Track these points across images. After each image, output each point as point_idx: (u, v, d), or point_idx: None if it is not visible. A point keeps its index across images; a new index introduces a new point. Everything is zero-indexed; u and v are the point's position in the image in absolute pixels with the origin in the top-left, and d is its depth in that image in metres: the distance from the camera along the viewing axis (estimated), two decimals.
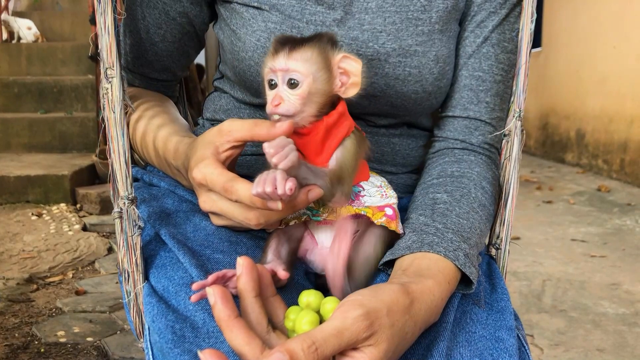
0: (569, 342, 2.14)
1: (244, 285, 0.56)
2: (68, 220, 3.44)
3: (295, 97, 0.66)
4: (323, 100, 0.68)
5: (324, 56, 0.67)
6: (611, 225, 3.79)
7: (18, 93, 4.97)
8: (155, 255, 0.75)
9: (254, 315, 0.56)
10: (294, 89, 0.66)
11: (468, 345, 0.67)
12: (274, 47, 0.68)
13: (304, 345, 0.49)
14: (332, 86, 0.68)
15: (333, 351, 0.51)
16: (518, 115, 0.81)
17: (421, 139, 0.93)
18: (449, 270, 0.68)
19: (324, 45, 0.68)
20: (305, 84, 0.66)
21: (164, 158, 0.80)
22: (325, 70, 0.67)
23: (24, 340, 2.05)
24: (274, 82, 0.68)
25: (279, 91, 0.67)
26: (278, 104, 0.66)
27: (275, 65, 0.67)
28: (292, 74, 0.66)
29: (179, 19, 0.88)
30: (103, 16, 0.65)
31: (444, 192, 0.79)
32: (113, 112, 0.68)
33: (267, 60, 0.68)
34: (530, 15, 0.78)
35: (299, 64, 0.66)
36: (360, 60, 0.68)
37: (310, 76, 0.66)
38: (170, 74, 0.95)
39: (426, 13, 0.82)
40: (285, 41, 0.68)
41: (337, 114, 0.69)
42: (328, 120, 0.68)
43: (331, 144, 0.69)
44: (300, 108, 0.66)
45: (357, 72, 0.68)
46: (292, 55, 0.66)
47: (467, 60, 0.87)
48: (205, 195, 0.70)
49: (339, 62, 0.68)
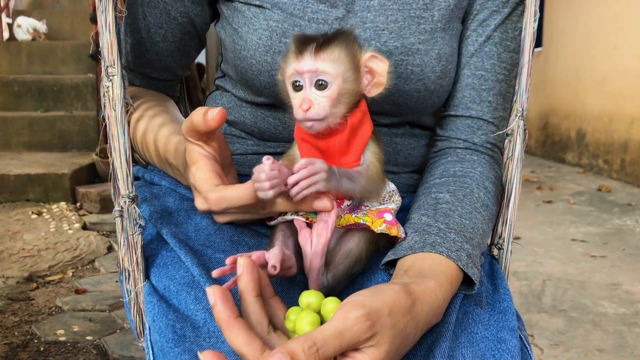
0: (568, 342, 2.14)
1: (244, 285, 0.56)
2: (68, 219, 3.44)
3: (325, 100, 0.64)
4: (351, 100, 0.67)
5: (352, 55, 0.66)
6: (611, 225, 3.79)
7: (18, 92, 4.97)
8: (156, 254, 0.75)
9: (254, 315, 0.56)
10: (322, 91, 0.64)
11: (470, 346, 0.66)
12: (296, 47, 0.65)
13: (305, 346, 0.48)
14: (360, 85, 0.67)
15: (334, 352, 0.50)
16: (521, 115, 0.81)
17: (423, 139, 0.93)
18: (451, 271, 0.67)
19: (351, 44, 0.66)
20: (334, 85, 0.64)
21: (164, 157, 0.80)
22: (353, 70, 0.66)
23: (24, 339, 2.05)
24: (299, 83, 0.65)
25: (307, 94, 0.65)
26: (308, 108, 0.64)
27: (302, 66, 0.64)
28: (320, 75, 0.64)
29: (180, 19, 0.88)
30: (104, 14, 0.65)
31: (446, 192, 0.79)
32: (114, 111, 0.68)
33: (290, 61, 0.66)
34: (533, 14, 0.78)
35: (328, 65, 0.64)
36: (387, 61, 0.67)
37: (340, 77, 0.64)
38: (171, 74, 0.95)
39: (428, 11, 0.82)
40: (307, 40, 0.65)
41: (360, 112, 0.68)
42: (352, 120, 0.67)
43: (358, 144, 0.68)
44: (330, 110, 0.64)
45: (383, 72, 0.67)
46: (320, 56, 0.64)
47: (469, 59, 0.87)
48: (201, 196, 0.69)
49: (366, 61, 0.67)
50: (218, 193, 0.64)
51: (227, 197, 0.64)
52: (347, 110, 0.66)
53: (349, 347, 0.52)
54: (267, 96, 0.84)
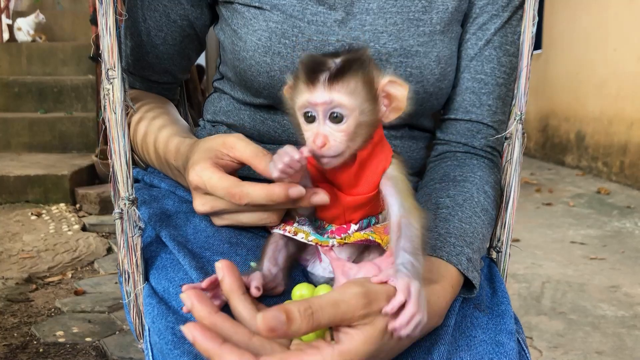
0: (567, 345, 2.14)
1: (229, 286, 0.57)
2: (67, 220, 3.44)
3: (341, 135, 0.59)
4: (369, 131, 0.61)
5: (369, 83, 0.60)
6: (610, 227, 3.79)
7: (18, 93, 4.96)
8: (156, 256, 0.75)
9: (245, 312, 0.56)
10: (338, 125, 0.59)
11: (468, 349, 0.66)
12: (307, 75, 0.59)
13: (301, 307, 0.49)
14: (379, 115, 0.62)
15: (328, 320, 0.51)
16: (519, 118, 0.81)
17: (422, 141, 0.93)
18: (452, 275, 0.67)
19: (368, 70, 0.60)
20: (351, 119, 0.59)
21: (164, 159, 0.80)
22: (371, 101, 0.60)
23: (23, 340, 2.05)
24: (311, 114, 0.60)
25: (322, 129, 0.59)
26: (323, 144, 0.59)
27: (315, 99, 0.58)
28: (336, 108, 0.58)
29: (179, 22, 0.88)
30: (105, 17, 0.65)
31: (446, 197, 0.79)
32: (114, 113, 0.68)
33: (301, 90, 0.60)
34: (531, 18, 0.78)
35: (344, 97, 0.58)
36: (407, 85, 0.62)
37: (357, 109, 0.59)
38: (171, 77, 0.95)
39: (427, 14, 0.82)
40: (318, 67, 0.59)
41: (371, 145, 0.63)
42: (362, 154, 0.62)
43: (368, 177, 0.64)
44: (346, 145, 0.59)
45: (402, 98, 0.62)
46: (335, 87, 0.58)
47: (469, 63, 0.87)
48: (201, 198, 0.70)
49: (384, 86, 0.62)
50: (241, 188, 0.64)
51: (250, 193, 0.64)
52: (364, 142, 0.61)
53: (343, 319, 0.52)
54: (266, 97, 0.85)
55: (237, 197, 0.64)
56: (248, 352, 0.51)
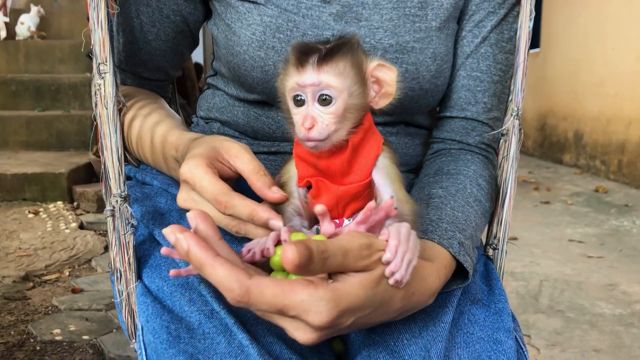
0: (565, 343, 2.14)
1: (205, 232, 0.55)
2: (65, 218, 3.43)
3: (330, 117, 0.59)
4: (357, 115, 0.62)
5: (358, 66, 0.61)
6: (608, 226, 3.79)
7: (15, 91, 4.95)
8: (149, 255, 0.74)
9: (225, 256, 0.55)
10: (326, 107, 0.59)
11: (466, 346, 0.66)
12: (297, 58, 0.60)
13: (319, 249, 0.49)
14: (367, 99, 0.62)
15: (336, 267, 0.51)
16: (516, 114, 0.80)
17: (418, 137, 0.93)
18: (445, 257, 0.67)
19: (357, 54, 0.61)
20: (339, 100, 0.59)
21: (162, 153, 0.79)
22: (360, 83, 0.61)
23: (20, 338, 2.04)
24: (300, 98, 0.60)
25: (310, 110, 0.60)
26: (311, 126, 0.59)
27: (304, 80, 0.59)
28: (324, 89, 0.59)
29: (172, 17, 0.87)
30: (96, 11, 0.64)
31: (439, 188, 0.78)
32: (106, 109, 0.67)
33: (290, 73, 0.61)
34: (528, 13, 0.77)
35: (333, 78, 0.59)
36: (395, 69, 0.63)
37: (345, 91, 0.59)
38: (163, 74, 0.94)
39: (423, 10, 0.82)
40: (308, 51, 0.60)
41: (362, 130, 0.63)
42: (354, 140, 0.62)
43: (361, 164, 0.63)
44: (335, 128, 0.60)
45: (391, 82, 0.62)
46: (323, 68, 0.59)
47: (465, 60, 0.87)
48: (185, 193, 0.68)
49: (372, 70, 0.62)
50: (228, 198, 0.63)
51: (235, 206, 0.63)
52: (353, 126, 0.62)
53: (347, 268, 0.52)
54: (260, 92, 0.84)
55: (223, 206, 0.63)
56: (240, 268, 0.50)
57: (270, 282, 0.50)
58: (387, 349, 0.65)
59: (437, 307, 0.68)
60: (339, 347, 0.73)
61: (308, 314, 0.50)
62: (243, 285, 0.49)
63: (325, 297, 0.50)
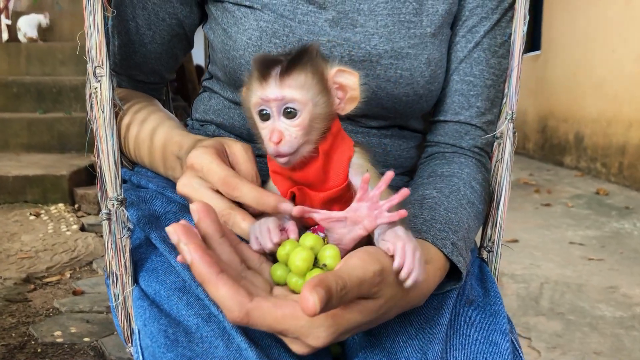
0: (566, 345, 2.13)
1: (206, 229, 0.55)
2: (66, 221, 3.44)
3: (296, 129, 0.59)
4: (324, 124, 0.62)
5: (319, 76, 0.61)
6: (609, 228, 3.79)
7: (17, 93, 4.96)
8: (145, 258, 0.74)
9: (224, 256, 0.56)
10: (292, 119, 0.60)
11: (462, 348, 0.67)
12: (259, 72, 0.60)
13: (338, 286, 0.48)
14: (332, 106, 0.62)
15: (351, 298, 0.51)
16: (510, 118, 0.81)
17: (412, 140, 0.93)
18: (438, 258, 0.67)
19: (317, 62, 0.61)
20: (305, 112, 0.59)
21: (162, 151, 0.78)
22: (323, 92, 0.61)
23: (21, 340, 2.05)
24: (266, 112, 0.61)
25: (277, 125, 0.60)
26: (279, 140, 0.59)
27: (267, 95, 0.59)
28: (288, 103, 0.59)
29: (168, 20, 0.88)
30: (92, 14, 0.64)
31: (433, 189, 0.79)
32: (102, 112, 0.67)
33: (254, 88, 0.61)
34: (522, 18, 0.78)
35: (295, 92, 0.59)
36: (357, 73, 0.63)
37: (310, 102, 0.60)
38: (157, 77, 0.94)
39: (418, 16, 0.82)
40: (270, 64, 0.60)
41: (331, 137, 0.63)
42: (324, 147, 0.62)
43: (336, 169, 0.64)
44: (302, 140, 0.60)
45: (354, 86, 0.62)
46: (285, 82, 0.59)
47: (458, 65, 0.87)
48: (186, 179, 0.68)
49: (334, 77, 0.62)
50: (238, 180, 0.63)
51: (243, 189, 0.63)
52: (321, 135, 0.62)
53: (361, 296, 0.53)
54: None
55: (232, 187, 0.63)
56: (243, 288, 0.50)
57: (271, 306, 0.50)
58: (384, 351, 0.66)
59: (433, 309, 0.69)
60: (335, 349, 0.73)
61: (307, 338, 0.51)
62: (243, 308, 0.49)
63: (325, 324, 0.51)
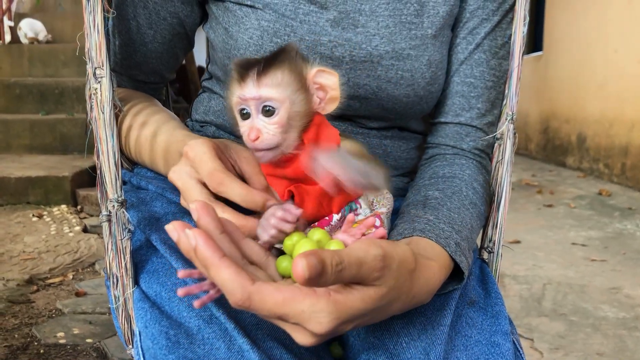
0: (568, 346, 2.13)
1: (206, 225, 0.55)
2: (69, 222, 3.45)
3: (274, 127, 0.61)
4: (303, 122, 0.63)
5: (297, 74, 0.62)
6: (612, 229, 3.78)
7: (19, 94, 4.98)
8: (146, 260, 0.74)
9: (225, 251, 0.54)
10: (270, 117, 0.61)
11: (464, 349, 0.67)
12: (238, 73, 0.62)
13: (334, 261, 0.48)
14: (311, 105, 0.63)
15: (349, 278, 0.50)
16: (510, 119, 0.81)
17: (412, 141, 0.93)
18: (442, 257, 0.67)
19: (295, 62, 0.62)
20: (282, 110, 0.61)
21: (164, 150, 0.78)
22: (301, 90, 0.62)
23: (24, 342, 2.05)
24: (245, 111, 0.62)
25: (255, 122, 0.61)
26: (256, 137, 0.61)
27: (244, 93, 0.61)
28: (265, 101, 0.61)
29: (169, 19, 0.87)
30: (92, 15, 0.64)
31: (435, 190, 0.79)
32: (102, 113, 0.66)
33: (234, 88, 0.63)
34: (522, 19, 0.78)
35: (272, 90, 0.60)
36: (336, 73, 0.63)
37: (287, 100, 0.61)
38: (158, 77, 0.94)
39: (419, 18, 0.82)
40: (248, 65, 0.61)
41: (314, 127, 0.64)
42: (308, 137, 0.63)
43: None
44: (281, 137, 0.61)
45: (334, 86, 0.63)
46: (262, 81, 0.60)
47: (459, 67, 0.87)
48: (179, 166, 0.68)
49: (313, 77, 0.63)
50: (225, 175, 0.63)
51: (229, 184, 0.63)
52: (302, 132, 0.63)
53: (358, 279, 0.52)
54: None
55: (217, 182, 0.63)
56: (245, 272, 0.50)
57: (273, 289, 0.50)
58: (387, 352, 0.66)
59: (436, 310, 0.69)
60: (337, 351, 0.73)
61: (308, 323, 0.50)
62: (245, 290, 0.49)
63: (326, 310, 0.50)
